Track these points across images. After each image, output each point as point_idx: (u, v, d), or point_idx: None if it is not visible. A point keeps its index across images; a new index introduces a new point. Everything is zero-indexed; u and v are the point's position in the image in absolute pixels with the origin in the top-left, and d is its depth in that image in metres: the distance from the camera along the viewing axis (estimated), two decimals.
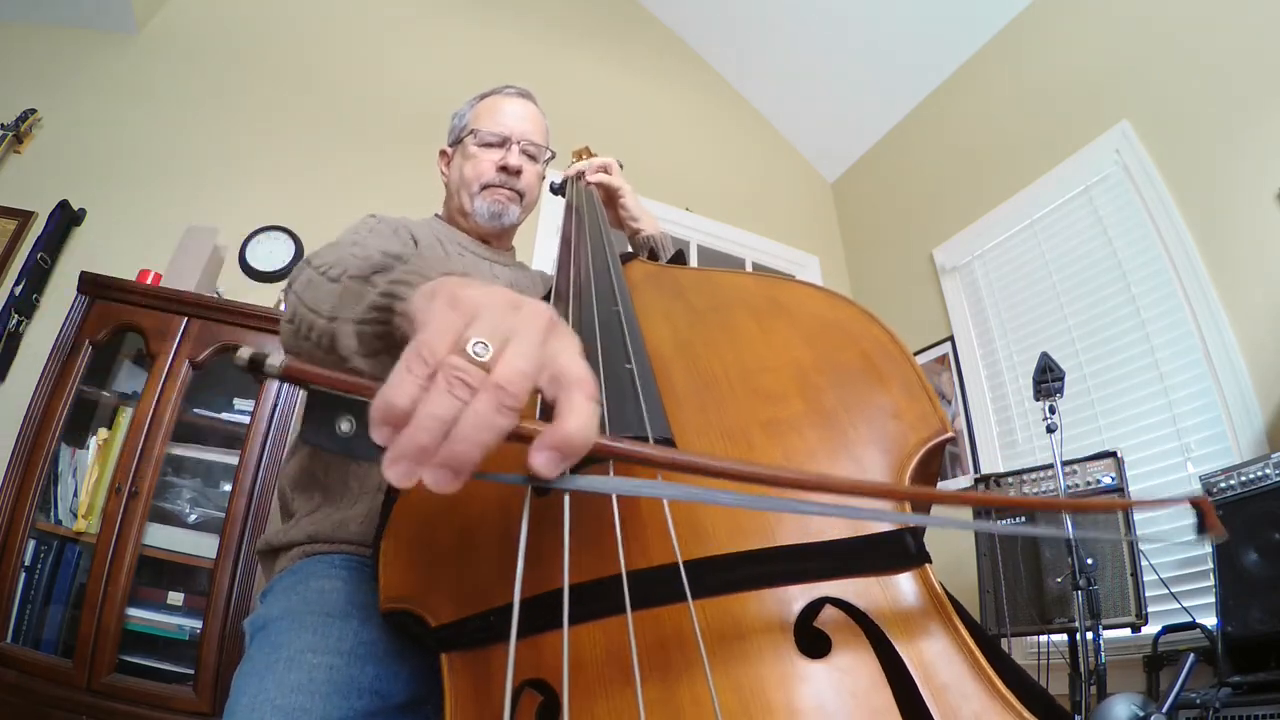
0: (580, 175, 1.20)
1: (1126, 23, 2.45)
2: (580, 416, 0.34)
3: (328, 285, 0.59)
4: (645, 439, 0.49)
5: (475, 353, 0.34)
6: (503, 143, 1.11)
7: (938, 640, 0.41)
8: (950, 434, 0.52)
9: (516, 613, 0.33)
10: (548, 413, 0.36)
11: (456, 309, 0.37)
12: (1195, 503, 0.52)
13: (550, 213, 2.77)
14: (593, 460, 0.37)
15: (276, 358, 0.33)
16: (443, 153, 1.20)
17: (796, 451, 0.51)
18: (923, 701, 0.39)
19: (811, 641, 0.41)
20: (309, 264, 0.64)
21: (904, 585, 0.44)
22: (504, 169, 1.09)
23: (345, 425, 0.35)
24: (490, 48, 3.11)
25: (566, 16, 3.42)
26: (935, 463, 0.54)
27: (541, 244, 2.75)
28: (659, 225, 1.22)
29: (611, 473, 0.44)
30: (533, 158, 1.14)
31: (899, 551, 0.45)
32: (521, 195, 1.12)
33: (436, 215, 1.19)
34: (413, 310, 0.42)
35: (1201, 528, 0.52)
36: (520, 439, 0.34)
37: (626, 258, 0.90)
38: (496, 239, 1.16)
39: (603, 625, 0.43)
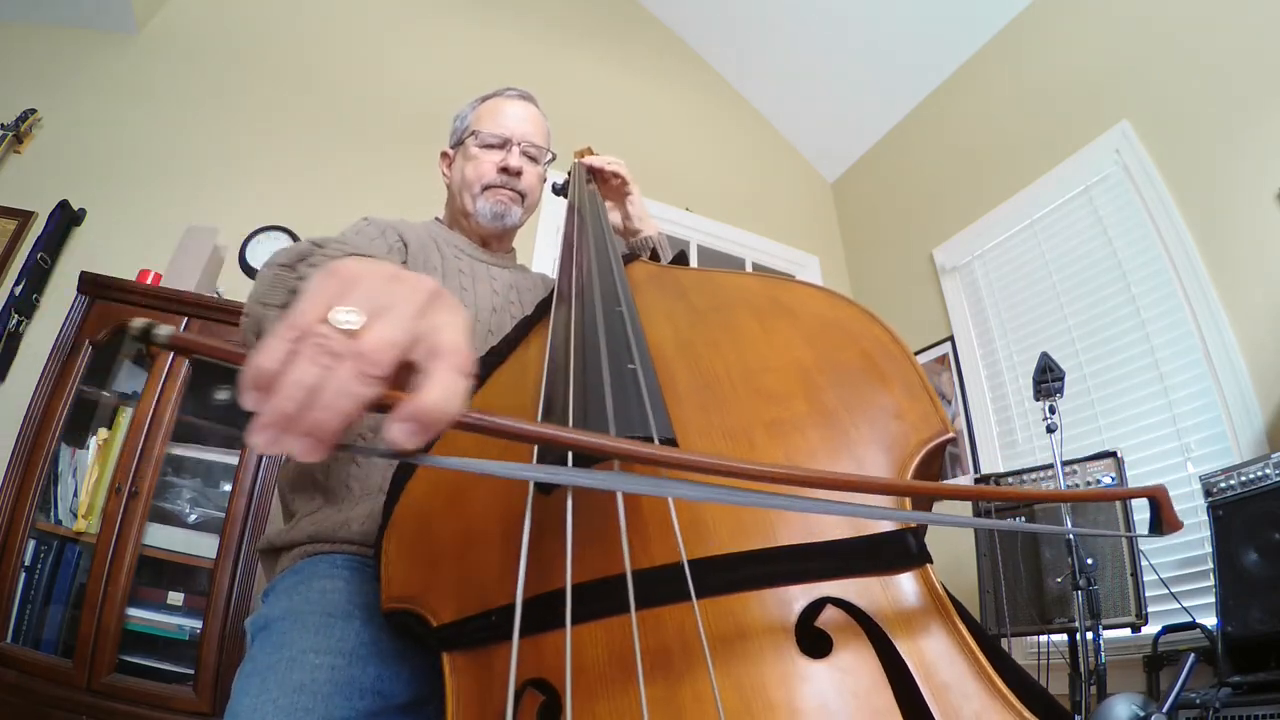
0: (591, 174, 1.20)
1: (1126, 23, 2.45)
2: (439, 388, 0.34)
3: (266, 274, 0.62)
4: (649, 439, 0.49)
5: (343, 321, 0.33)
6: (504, 144, 1.11)
7: (939, 640, 0.41)
8: (951, 434, 0.52)
9: (519, 613, 0.33)
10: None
11: (334, 278, 0.36)
12: (1150, 494, 0.51)
13: (551, 214, 2.77)
14: (596, 462, 0.37)
15: (166, 328, 0.33)
16: (444, 154, 1.20)
17: (798, 451, 0.51)
18: (924, 701, 0.39)
19: (813, 641, 0.41)
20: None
21: (905, 585, 0.44)
22: (505, 170, 1.09)
23: (223, 394, 0.34)
24: (490, 48, 3.11)
25: (567, 17, 3.42)
26: (936, 463, 0.54)
27: (542, 245, 2.75)
28: (658, 227, 1.23)
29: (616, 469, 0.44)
30: (534, 159, 1.14)
31: (900, 551, 0.45)
32: (523, 196, 1.12)
33: (437, 218, 1.20)
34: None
35: (1157, 521, 0.51)
36: (383, 409, 0.33)
37: (629, 258, 0.90)
38: (497, 241, 1.16)
39: (605, 625, 0.43)
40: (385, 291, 0.36)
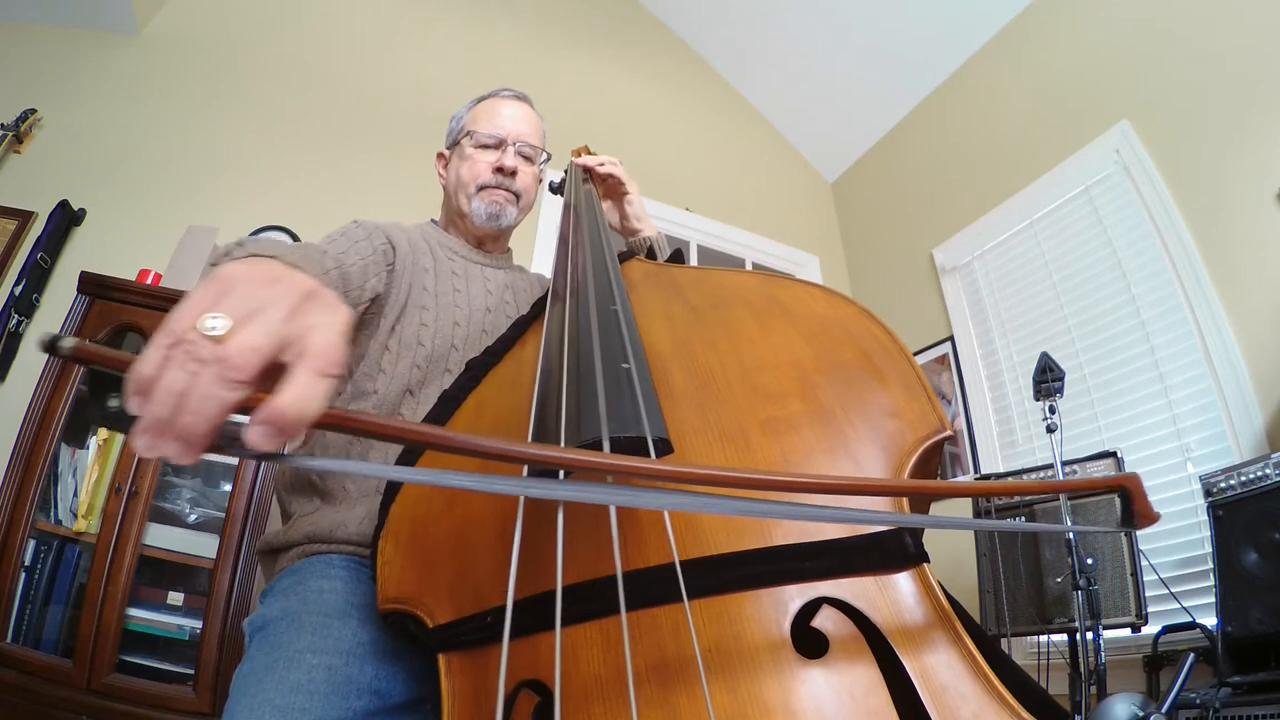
0: (587, 173, 1.20)
1: (1126, 23, 2.44)
2: (294, 390, 0.34)
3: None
4: (642, 439, 0.48)
5: (210, 328, 0.34)
6: (499, 144, 1.11)
7: (936, 640, 0.41)
8: (949, 432, 0.51)
9: (509, 616, 0.33)
10: None
11: (211, 285, 0.37)
12: (1120, 484, 0.49)
13: (551, 215, 2.77)
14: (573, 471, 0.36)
15: (70, 339, 0.34)
16: (440, 155, 1.20)
17: (794, 450, 0.51)
18: (920, 702, 0.38)
19: (809, 642, 0.41)
20: None
21: (902, 585, 0.44)
22: (500, 170, 1.09)
23: (114, 401, 0.35)
24: (490, 48, 3.11)
25: (567, 17, 3.42)
26: (934, 461, 0.54)
27: (542, 246, 2.74)
28: (656, 228, 1.23)
29: (610, 479, 0.43)
30: (529, 159, 1.14)
31: (897, 551, 0.45)
32: (518, 196, 1.12)
33: (433, 220, 1.20)
34: None
35: (1129, 513, 0.49)
36: (248, 413, 0.34)
37: (625, 256, 0.89)
38: (493, 241, 1.16)
39: (600, 625, 0.43)
40: (257, 295, 0.37)
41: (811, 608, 0.42)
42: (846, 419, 0.52)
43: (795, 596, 0.43)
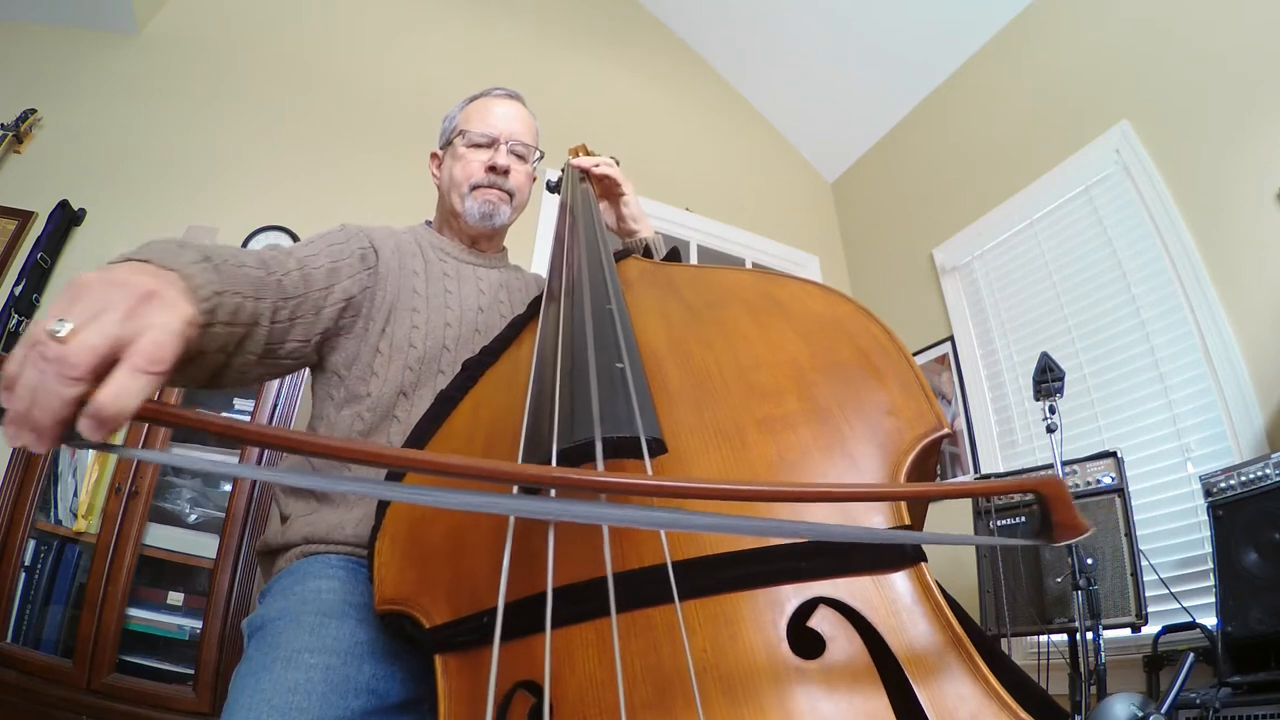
0: (584, 173, 1.20)
1: (1126, 23, 2.44)
2: (112, 386, 0.38)
3: None
4: (635, 438, 0.48)
5: (54, 331, 0.38)
6: (491, 143, 1.11)
7: (934, 640, 0.41)
8: (947, 430, 0.51)
9: (500, 619, 0.33)
10: None
11: (68, 291, 0.42)
12: (1035, 488, 0.41)
13: (549, 215, 2.77)
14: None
15: None
16: (433, 155, 1.20)
17: (791, 448, 0.50)
18: (918, 702, 0.38)
19: (805, 642, 0.41)
20: None
21: (899, 584, 0.43)
22: (492, 169, 1.09)
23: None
24: (490, 48, 3.11)
25: (567, 17, 3.42)
26: (932, 460, 0.53)
27: (540, 245, 2.74)
28: (654, 228, 1.22)
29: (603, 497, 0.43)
30: (521, 158, 1.13)
31: (894, 550, 0.45)
32: (511, 195, 1.11)
33: (428, 221, 1.19)
34: None
35: (1047, 524, 0.41)
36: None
37: (621, 255, 0.89)
38: (487, 241, 1.15)
39: (595, 627, 0.43)
40: (100, 298, 0.41)
41: (808, 608, 0.42)
42: (843, 417, 0.52)
43: (791, 596, 0.43)
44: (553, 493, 0.41)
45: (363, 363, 0.93)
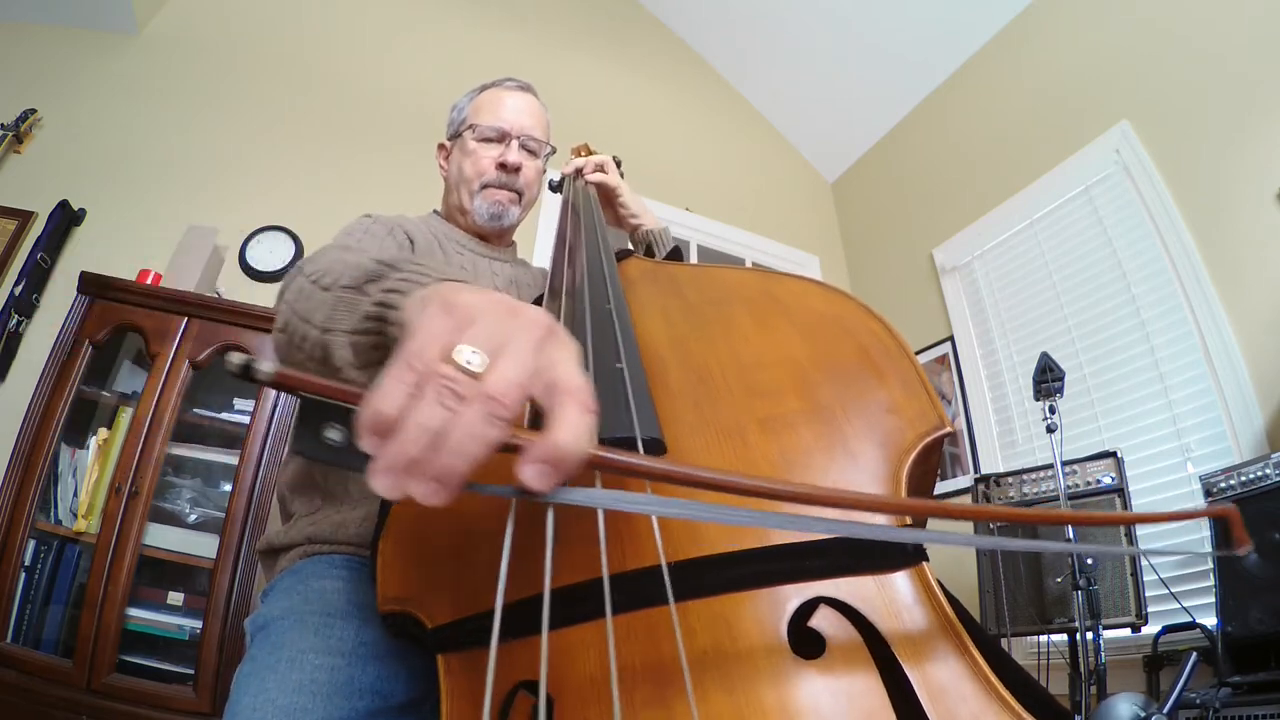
0: (578, 172, 1.19)
1: (1126, 23, 2.44)
2: (573, 429, 0.33)
3: (319, 294, 0.56)
4: (633, 440, 0.48)
5: (466, 361, 0.32)
6: (502, 138, 1.07)
7: (935, 641, 0.41)
8: (949, 429, 0.51)
9: (498, 620, 0.33)
10: (536, 422, 0.35)
11: (449, 315, 0.35)
12: (1222, 514, 0.49)
13: (553, 209, 2.77)
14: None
15: (268, 364, 0.33)
16: (441, 146, 1.17)
17: (792, 448, 0.50)
18: (919, 703, 0.38)
19: (806, 642, 0.41)
20: (300, 271, 0.62)
21: (900, 584, 0.43)
22: (503, 166, 1.06)
23: (335, 434, 0.34)
24: (490, 49, 3.11)
25: (567, 17, 3.42)
26: (934, 459, 0.53)
27: (544, 240, 2.74)
28: (659, 220, 1.20)
29: (599, 484, 0.42)
30: (533, 153, 1.10)
31: (896, 550, 0.45)
32: (521, 194, 1.09)
33: (435, 211, 1.17)
34: (406, 319, 0.41)
35: (1226, 538, 0.52)
36: (511, 450, 0.33)
37: (622, 255, 0.89)
38: (496, 237, 1.13)
39: (596, 627, 0.43)
40: (505, 327, 0.35)
41: (809, 607, 0.42)
42: (845, 416, 0.52)
43: (792, 596, 0.43)
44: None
45: None
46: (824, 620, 0.42)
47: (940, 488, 2.68)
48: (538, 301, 0.82)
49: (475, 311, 0.36)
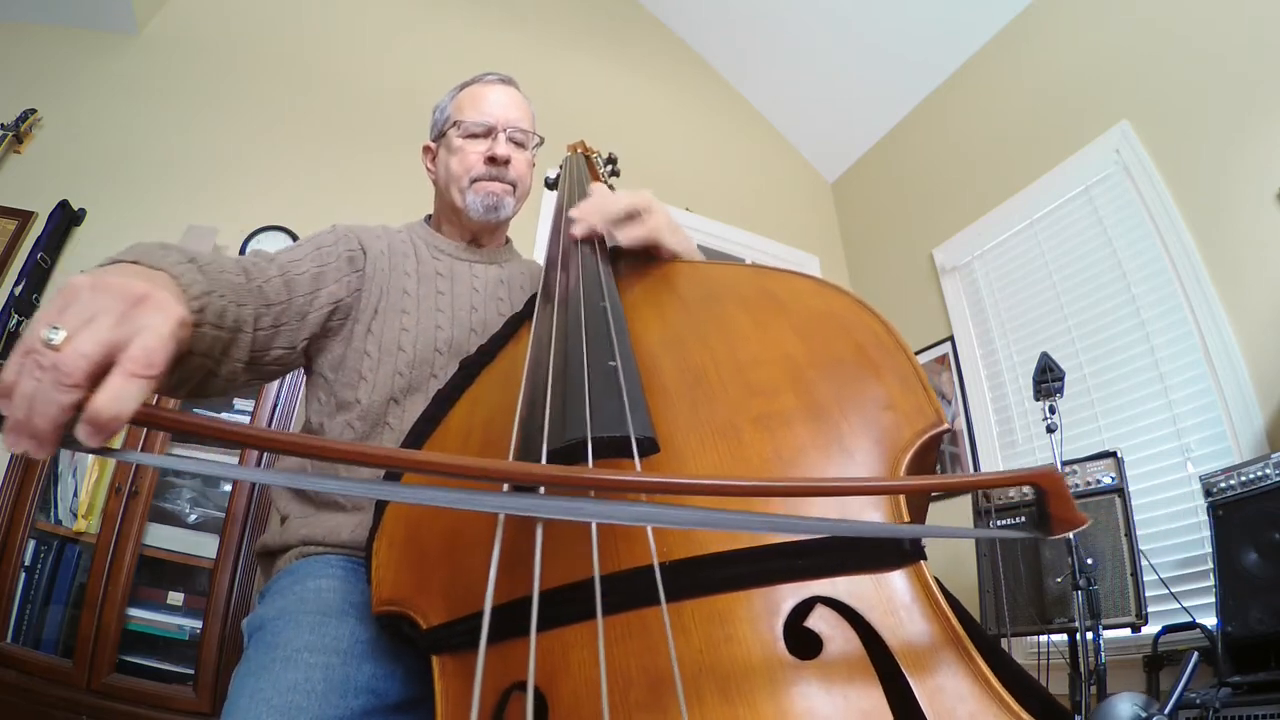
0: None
1: (1126, 23, 2.44)
2: (110, 392, 0.38)
3: None
4: (626, 438, 0.48)
5: (48, 338, 0.39)
6: (488, 132, 1.05)
7: (933, 640, 0.41)
8: (946, 426, 0.50)
9: (486, 622, 0.33)
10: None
11: (60, 296, 0.42)
12: (1033, 480, 0.41)
13: (549, 206, 2.76)
14: (576, 462, 0.36)
15: None
16: (426, 148, 1.14)
17: (787, 446, 0.50)
18: (917, 703, 0.38)
19: (802, 642, 0.40)
20: None
21: (898, 583, 0.43)
22: (492, 159, 1.04)
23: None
24: (490, 49, 3.11)
25: (567, 17, 3.42)
26: (931, 456, 0.53)
27: (543, 237, 2.74)
28: (693, 244, 1.01)
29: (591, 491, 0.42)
30: (520, 145, 1.08)
31: (893, 548, 0.44)
32: (514, 186, 1.07)
33: (427, 217, 1.15)
34: None
35: (1045, 516, 0.41)
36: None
37: (617, 253, 0.89)
38: (489, 235, 1.11)
39: (590, 627, 0.42)
40: (91, 304, 0.41)
41: (805, 607, 0.42)
42: (841, 413, 0.51)
43: (788, 596, 0.42)
44: (542, 490, 0.41)
45: (349, 366, 0.91)
46: (821, 620, 0.42)
47: None
48: (532, 300, 0.82)
49: (75, 291, 0.42)
